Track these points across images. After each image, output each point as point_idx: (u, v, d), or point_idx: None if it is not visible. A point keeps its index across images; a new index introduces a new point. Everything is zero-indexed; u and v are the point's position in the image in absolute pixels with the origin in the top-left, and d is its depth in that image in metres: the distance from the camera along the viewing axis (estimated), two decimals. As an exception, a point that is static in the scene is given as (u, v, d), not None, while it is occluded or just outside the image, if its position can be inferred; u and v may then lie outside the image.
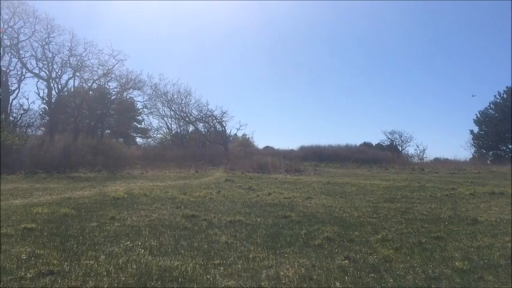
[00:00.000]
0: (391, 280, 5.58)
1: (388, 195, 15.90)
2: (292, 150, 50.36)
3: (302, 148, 50.78)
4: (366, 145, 56.31)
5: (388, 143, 60.15)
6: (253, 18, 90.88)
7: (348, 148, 51.14)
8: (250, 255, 6.63)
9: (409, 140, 59.61)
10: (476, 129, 56.88)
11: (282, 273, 5.76)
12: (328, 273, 5.78)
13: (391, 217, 10.84)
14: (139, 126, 54.85)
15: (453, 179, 24.72)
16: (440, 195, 16.08)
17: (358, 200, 14.40)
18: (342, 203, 13.51)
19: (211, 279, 5.49)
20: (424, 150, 57.60)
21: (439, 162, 45.51)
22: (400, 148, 59.89)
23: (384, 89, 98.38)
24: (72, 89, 40.52)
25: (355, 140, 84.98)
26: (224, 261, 6.28)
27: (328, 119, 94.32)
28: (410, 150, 65.40)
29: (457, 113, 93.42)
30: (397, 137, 60.55)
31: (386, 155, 48.37)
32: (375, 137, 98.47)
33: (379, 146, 57.51)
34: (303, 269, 5.95)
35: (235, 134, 52.53)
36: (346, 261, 6.41)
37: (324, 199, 14.51)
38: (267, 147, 52.61)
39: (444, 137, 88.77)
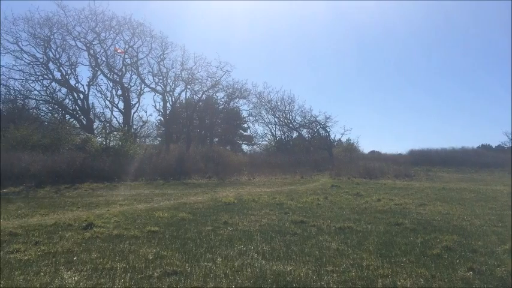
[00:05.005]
0: (525, 296, 5.06)
1: (515, 202, 14.42)
2: (400, 154, 48.43)
3: (411, 152, 48.50)
4: (485, 147, 51.87)
5: (511, 145, 54.59)
6: (360, 20, 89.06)
7: (464, 151, 47.57)
8: (364, 263, 6.48)
9: (536, 141, 53.45)
10: None
11: (399, 283, 5.54)
12: (450, 285, 5.43)
13: (519, 226, 9.83)
14: (245, 133, 56.73)
15: None
16: None
17: (478, 207, 13.28)
18: (461, 211, 12.57)
19: (325, 285, 5.47)
20: (555, 152, 51.18)
21: None
22: (526, 150, 53.97)
23: (502, 86, 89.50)
24: (184, 101, 43.47)
25: (472, 142, 78.50)
26: (337, 268, 6.21)
27: (439, 121, 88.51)
28: (539, 152, 58.30)
29: None
30: (522, 137, 54.64)
31: (510, 158, 43.83)
32: (495, 139, 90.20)
33: (500, 148, 52.46)
34: (421, 280, 5.66)
35: (340, 139, 51.81)
36: (471, 272, 5.95)
37: (439, 206, 13.63)
38: (372, 152, 51.17)
39: None
